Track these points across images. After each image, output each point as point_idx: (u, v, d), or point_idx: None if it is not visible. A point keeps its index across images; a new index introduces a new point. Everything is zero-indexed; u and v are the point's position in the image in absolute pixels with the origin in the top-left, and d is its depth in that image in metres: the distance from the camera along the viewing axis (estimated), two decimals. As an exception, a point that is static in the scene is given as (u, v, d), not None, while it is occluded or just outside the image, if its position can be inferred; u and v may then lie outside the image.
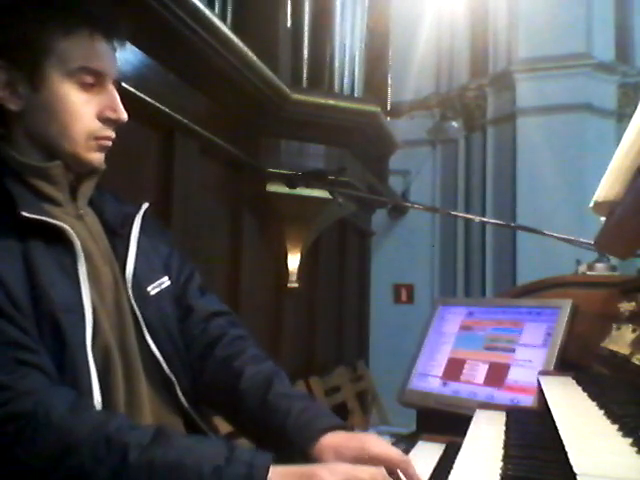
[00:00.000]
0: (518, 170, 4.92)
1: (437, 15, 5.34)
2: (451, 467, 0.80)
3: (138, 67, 1.87)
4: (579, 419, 0.83)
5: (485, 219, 4.20)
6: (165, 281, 1.09)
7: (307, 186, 2.11)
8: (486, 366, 1.55)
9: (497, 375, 1.51)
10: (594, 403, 0.91)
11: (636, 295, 1.12)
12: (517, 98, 4.95)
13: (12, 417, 0.78)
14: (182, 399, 1.03)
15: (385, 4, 4.69)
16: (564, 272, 1.85)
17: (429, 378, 1.65)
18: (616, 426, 0.76)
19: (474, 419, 1.09)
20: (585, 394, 0.99)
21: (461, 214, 4.83)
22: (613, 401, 0.88)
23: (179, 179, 2.25)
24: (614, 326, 1.19)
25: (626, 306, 1.15)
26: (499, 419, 1.06)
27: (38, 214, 0.90)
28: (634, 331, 1.03)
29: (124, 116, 0.99)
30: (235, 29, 2.41)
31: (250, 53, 2.44)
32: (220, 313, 1.15)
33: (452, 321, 1.75)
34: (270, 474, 0.78)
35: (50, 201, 0.97)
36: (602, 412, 0.84)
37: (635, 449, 0.66)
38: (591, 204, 1.16)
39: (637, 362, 0.93)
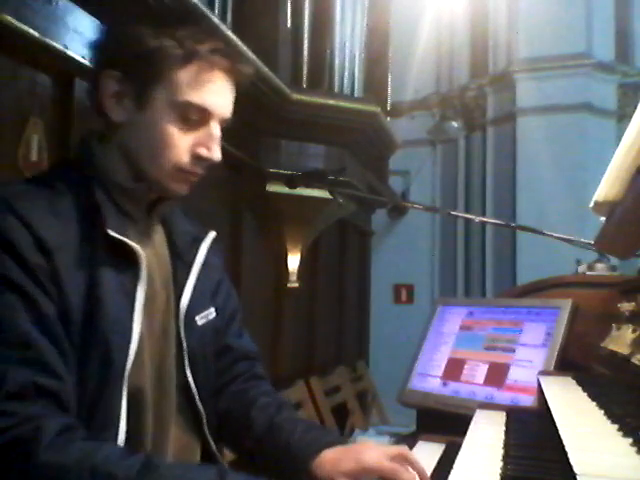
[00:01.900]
0: (518, 170, 4.92)
1: (437, 15, 5.34)
2: (451, 467, 0.79)
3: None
4: (579, 419, 0.83)
5: (485, 219, 4.19)
6: (212, 312, 1.09)
7: (307, 186, 2.10)
8: (486, 366, 1.55)
9: (497, 375, 1.51)
10: (594, 403, 0.91)
11: (636, 295, 1.12)
12: (517, 98, 4.95)
13: (12, 444, 0.77)
14: (206, 429, 1.04)
15: (385, 4, 4.69)
16: (564, 272, 1.85)
17: (429, 378, 1.65)
18: (616, 426, 0.76)
19: (474, 419, 1.09)
20: (585, 394, 0.99)
21: (461, 214, 4.82)
22: (613, 401, 0.88)
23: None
24: (614, 326, 1.19)
25: (626, 306, 1.15)
26: (499, 419, 1.06)
27: (121, 234, 0.91)
28: (634, 331, 1.03)
29: (217, 157, 0.97)
30: (235, 29, 2.41)
31: (250, 53, 2.44)
32: (250, 356, 1.18)
33: (452, 321, 1.74)
34: None
35: (127, 216, 0.96)
36: (602, 412, 0.84)
37: (635, 449, 0.66)
38: (591, 204, 1.16)
39: (637, 362, 0.93)
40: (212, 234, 1.11)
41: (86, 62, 1.61)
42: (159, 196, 1.00)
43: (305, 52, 3.06)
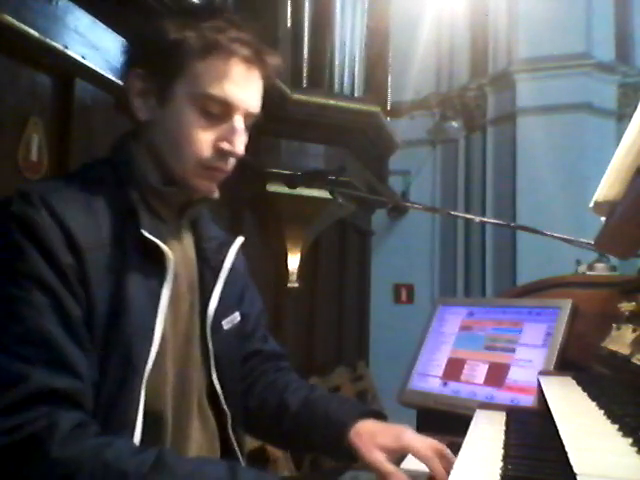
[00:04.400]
0: (518, 170, 4.91)
1: (437, 15, 5.34)
2: (451, 467, 0.79)
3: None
4: (579, 419, 0.83)
5: (485, 219, 4.19)
6: (237, 317, 1.10)
7: (307, 186, 2.10)
8: (486, 366, 1.55)
9: (497, 375, 1.51)
10: (594, 403, 0.91)
11: (636, 295, 1.12)
12: (517, 98, 4.95)
13: (25, 441, 0.77)
14: (229, 428, 1.05)
15: (385, 4, 4.69)
16: (564, 272, 1.84)
17: (429, 378, 1.65)
18: (616, 426, 0.76)
19: (474, 419, 1.09)
20: (585, 394, 0.99)
21: (461, 214, 4.82)
22: (613, 401, 0.88)
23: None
24: (614, 326, 1.19)
25: (626, 306, 1.15)
26: (499, 419, 1.06)
27: (154, 235, 0.90)
28: (634, 331, 1.03)
29: (239, 151, 0.96)
30: (235, 29, 2.41)
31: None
32: (278, 356, 1.21)
33: (452, 321, 1.74)
34: None
35: (158, 217, 0.96)
36: (602, 412, 0.84)
37: (635, 449, 0.66)
38: (591, 204, 1.16)
39: (637, 362, 0.93)
40: (240, 239, 1.10)
41: (86, 62, 1.62)
42: (190, 199, 1.00)
43: (305, 52, 3.06)
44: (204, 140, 0.93)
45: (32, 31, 1.44)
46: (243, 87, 0.94)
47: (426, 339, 1.75)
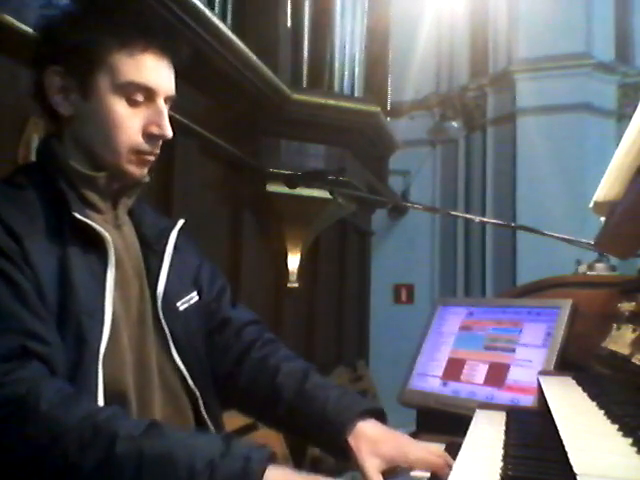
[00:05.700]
0: (518, 170, 4.92)
1: (437, 15, 5.34)
2: (451, 467, 0.79)
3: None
4: (579, 419, 0.83)
5: (485, 219, 4.19)
6: (194, 296, 1.11)
7: (307, 186, 2.11)
8: (486, 366, 1.55)
9: (497, 375, 1.51)
10: (594, 403, 0.91)
11: (636, 295, 1.12)
12: (517, 98, 4.95)
13: (3, 403, 0.78)
14: (204, 413, 1.05)
15: (385, 4, 4.69)
16: (564, 272, 1.84)
17: (429, 378, 1.65)
18: (616, 426, 0.76)
19: (474, 419, 1.09)
20: (585, 394, 0.99)
21: (461, 214, 4.82)
22: (613, 401, 0.88)
23: (179, 179, 2.25)
24: (614, 326, 1.19)
25: (626, 306, 1.15)
26: (499, 419, 1.06)
27: (86, 218, 0.94)
28: (634, 331, 1.03)
29: (168, 133, 0.99)
30: (235, 29, 2.41)
31: (250, 53, 2.44)
32: (252, 322, 1.19)
33: (452, 321, 1.74)
34: (267, 470, 0.77)
35: (92, 208, 0.99)
36: (602, 412, 0.84)
37: (635, 449, 0.66)
38: (591, 204, 1.16)
39: (637, 362, 0.93)
40: (180, 222, 1.12)
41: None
42: (122, 186, 1.02)
43: (305, 52, 3.06)
44: (133, 127, 0.97)
45: (32, 31, 1.44)
46: (160, 72, 0.99)
47: (426, 339, 1.75)
